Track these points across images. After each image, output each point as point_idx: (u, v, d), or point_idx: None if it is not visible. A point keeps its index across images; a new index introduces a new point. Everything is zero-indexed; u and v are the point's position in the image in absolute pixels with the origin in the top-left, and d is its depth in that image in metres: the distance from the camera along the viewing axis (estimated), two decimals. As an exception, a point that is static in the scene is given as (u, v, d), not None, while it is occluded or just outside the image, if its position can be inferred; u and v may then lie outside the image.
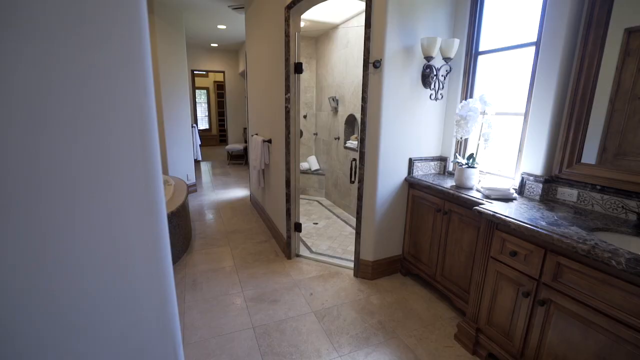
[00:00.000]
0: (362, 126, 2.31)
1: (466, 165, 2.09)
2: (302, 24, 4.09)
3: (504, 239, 1.56)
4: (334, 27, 4.24)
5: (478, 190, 2.02)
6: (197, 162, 7.37)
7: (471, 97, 2.34)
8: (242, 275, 2.63)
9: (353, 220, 3.98)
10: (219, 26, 5.18)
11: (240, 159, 7.79)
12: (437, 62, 2.25)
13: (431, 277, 2.31)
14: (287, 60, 2.55)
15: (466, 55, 2.31)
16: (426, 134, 2.46)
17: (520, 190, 1.90)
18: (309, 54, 4.81)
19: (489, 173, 2.22)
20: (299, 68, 2.58)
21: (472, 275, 1.91)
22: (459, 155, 2.43)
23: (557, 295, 1.33)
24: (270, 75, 3.12)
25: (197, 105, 10.56)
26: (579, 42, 1.62)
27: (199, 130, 10.25)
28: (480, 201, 1.83)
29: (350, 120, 4.10)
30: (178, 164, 4.68)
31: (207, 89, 10.72)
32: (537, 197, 1.81)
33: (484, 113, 2.00)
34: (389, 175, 2.40)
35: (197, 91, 10.28)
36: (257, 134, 3.79)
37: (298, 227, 2.90)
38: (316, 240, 3.37)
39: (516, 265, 1.51)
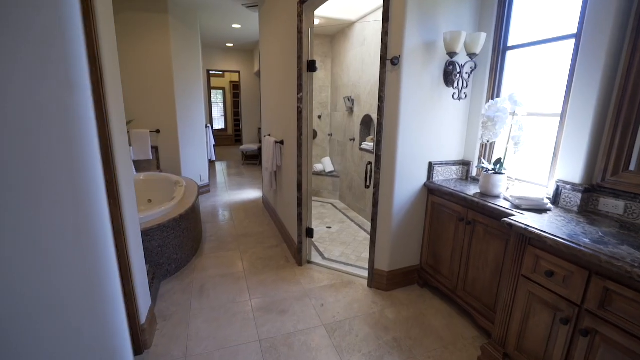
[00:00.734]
0: (378, 127, 2.16)
1: (493, 171, 1.91)
2: (317, 22, 3.97)
3: (538, 256, 1.38)
4: (350, 25, 4.09)
5: (506, 199, 1.83)
6: (211, 162, 7.38)
7: (498, 96, 2.15)
8: (251, 282, 2.53)
9: (368, 225, 3.83)
10: (233, 25, 5.13)
11: (254, 159, 7.75)
12: (461, 58, 2.08)
13: (452, 290, 2.14)
14: (299, 58, 2.43)
15: (493, 50, 2.12)
16: (448, 136, 2.29)
17: (555, 200, 1.70)
18: (324, 53, 4.68)
19: (518, 180, 2.02)
20: (312, 66, 2.46)
21: (500, 293, 1.73)
22: (484, 159, 2.24)
23: (605, 325, 1.15)
24: (283, 74, 3.02)
25: (213, 105, 10.63)
26: (629, 32, 1.42)
27: (214, 130, 10.32)
28: (509, 211, 1.65)
29: (366, 120, 3.94)
30: (191, 165, 4.65)
31: (223, 89, 10.77)
32: (575, 209, 1.61)
33: (513, 114, 1.82)
34: (407, 180, 2.24)
35: (213, 91, 10.34)
36: (269, 135, 3.69)
37: (310, 233, 2.78)
38: (329, 246, 3.24)
39: (553, 287, 1.33)
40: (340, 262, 2.88)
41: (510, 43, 2.07)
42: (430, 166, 2.27)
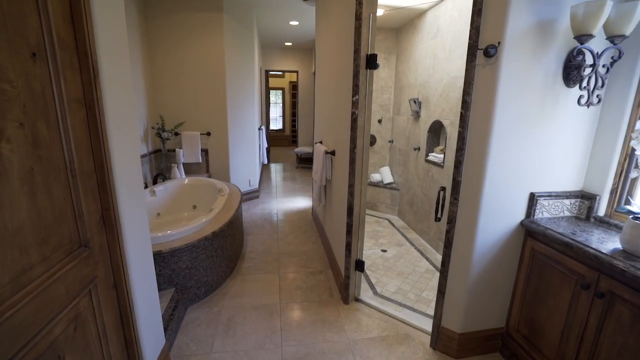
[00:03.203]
0: (459, 143, 1.58)
1: (650, 220, 1.21)
2: (381, 12, 3.43)
3: None
4: (420, 14, 3.47)
5: (677, 268, 1.13)
6: (265, 164, 7.26)
7: (655, 100, 1.42)
8: (285, 319, 2.12)
9: (431, 252, 3.19)
10: (291, 22, 4.83)
11: (308, 162, 7.45)
12: (596, 43, 1.40)
13: (560, 383, 1.47)
14: (356, 51, 1.95)
15: (653, 31, 1.40)
16: (561, 157, 1.61)
17: None
18: (387, 48, 4.11)
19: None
20: (372, 62, 1.95)
21: None
22: (628, 195, 1.52)
23: None
24: (337, 73, 2.55)
25: (273, 105, 10.63)
26: None
27: (272, 130, 10.30)
28: (695, 298, 0.98)
29: (436, 127, 3.30)
30: (240, 168, 4.45)
31: (282, 89, 10.71)
32: None
33: (701, 131, 1.11)
34: (496, 216, 1.62)
35: (272, 91, 10.34)
36: (321, 142, 3.27)
37: (360, 266, 2.28)
38: (382, 276, 2.71)
39: None
40: (396, 302, 2.33)
41: (686, 18, 1.33)
42: (532, 198, 1.62)
